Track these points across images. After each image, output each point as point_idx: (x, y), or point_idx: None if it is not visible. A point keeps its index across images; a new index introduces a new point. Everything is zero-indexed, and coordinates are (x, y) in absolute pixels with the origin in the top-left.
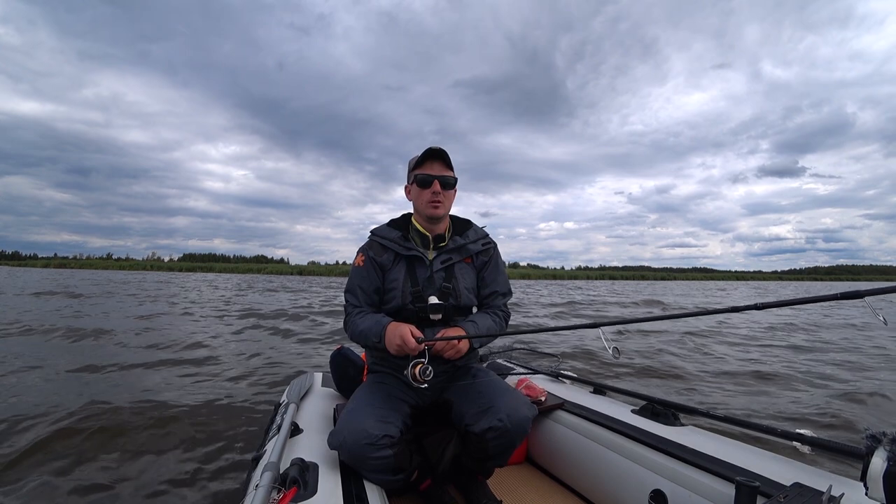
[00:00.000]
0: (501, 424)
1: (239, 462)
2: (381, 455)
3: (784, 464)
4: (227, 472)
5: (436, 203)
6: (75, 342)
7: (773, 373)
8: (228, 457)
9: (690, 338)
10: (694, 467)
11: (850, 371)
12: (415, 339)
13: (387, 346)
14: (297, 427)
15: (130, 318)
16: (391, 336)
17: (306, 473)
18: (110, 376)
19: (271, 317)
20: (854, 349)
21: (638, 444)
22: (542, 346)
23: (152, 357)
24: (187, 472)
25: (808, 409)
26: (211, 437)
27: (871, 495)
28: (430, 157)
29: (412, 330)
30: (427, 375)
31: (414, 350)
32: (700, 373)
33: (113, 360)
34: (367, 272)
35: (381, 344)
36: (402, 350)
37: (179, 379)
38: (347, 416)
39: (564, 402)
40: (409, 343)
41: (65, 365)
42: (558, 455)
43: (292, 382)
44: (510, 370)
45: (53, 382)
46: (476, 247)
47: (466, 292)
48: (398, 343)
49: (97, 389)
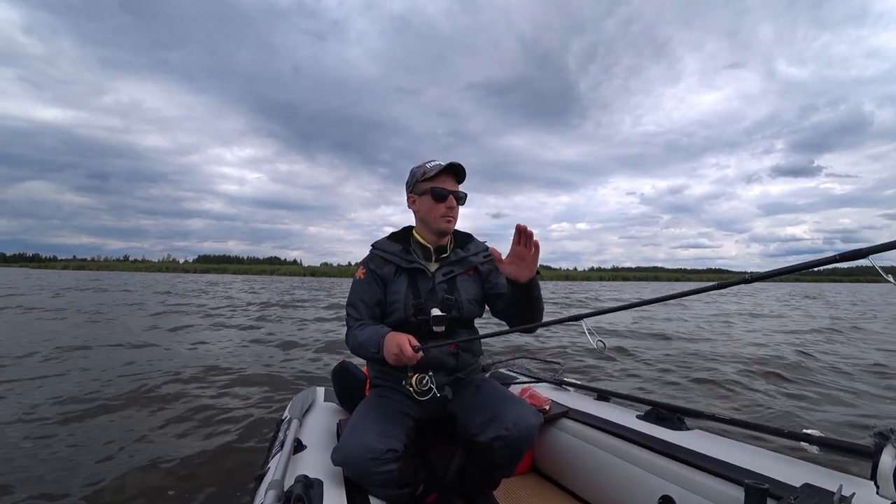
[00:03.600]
0: (508, 433)
1: (242, 480)
2: (385, 470)
3: (793, 465)
4: (231, 490)
5: (450, 218)
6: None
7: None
8: (231, 474)
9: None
10: (702, 471)
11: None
12: (412, 348)
13: (385, 356)
14: (301, 443)
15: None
16: (389, 345)
17: (311, 490)
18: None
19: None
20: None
21: (644, 449)
22: (543, 354)
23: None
24: (188, 489)
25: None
26: (212, 455)
27: (882, 493)
28: (447, 171)
29: (409, 339)
30: (424, 385)
31: (411, 359)
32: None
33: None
34: (369, 285)
35: (379, 354)
36: (399, 359)
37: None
38: (350, 431)
39: (569, 410)
40: (406, 352)
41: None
42: (564, 464)
43: (294, 398)
44: (513, 379)
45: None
46: (478, 259)
47: (469, 304)
48: (395, 352)
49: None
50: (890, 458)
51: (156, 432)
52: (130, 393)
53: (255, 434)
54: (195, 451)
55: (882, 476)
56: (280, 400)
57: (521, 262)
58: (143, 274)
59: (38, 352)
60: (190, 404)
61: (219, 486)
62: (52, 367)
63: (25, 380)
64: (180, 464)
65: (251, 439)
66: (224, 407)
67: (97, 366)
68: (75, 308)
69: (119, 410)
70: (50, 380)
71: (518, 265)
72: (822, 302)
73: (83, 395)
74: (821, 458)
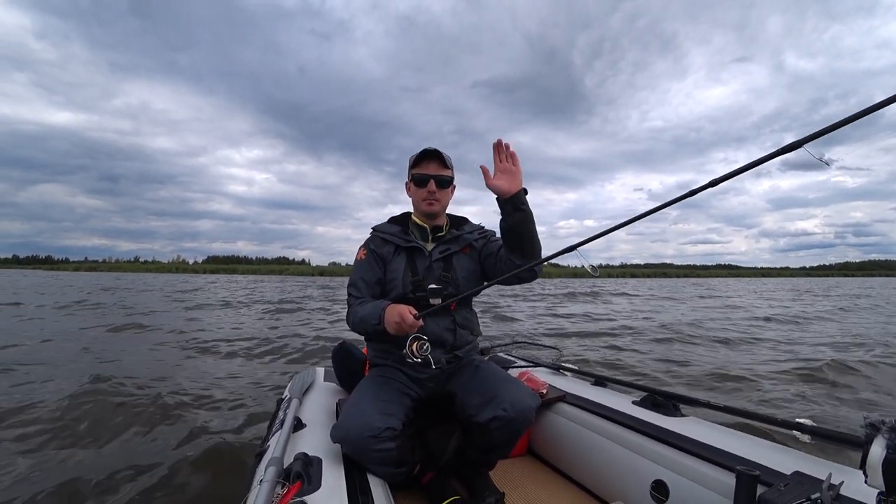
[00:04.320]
0: (506, 414)
1: (242, 457)
2: (383, 447)
3: (784, 453)
4: (231, 467)
5: (431, 202)
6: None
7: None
8: (232, 452)
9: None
10: (695, 457)
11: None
12: (413, 316)
13: (386, 327)
14: (300, 422)
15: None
16: (390, 315)
17: (310, 468)
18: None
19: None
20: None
21: (639, 434)
22: (543, 339)
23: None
24: (190, 466)
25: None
26: (214, 432)
27: (870, 483)
28: (426, 157)
29: (410, 308)
30: (424, 351)
31: (412, 325)
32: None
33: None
34: (369, 264)
35: (380, 326)
36: (400, 328)
37: (185, 371)
38: (350, 409)
39: (566, 395)
40: (407, 319)
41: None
42: (560, 446)
43: (294, 377)
44: (511, 363)
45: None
46: (472, 236)
47: (465, 281)
48: (396, 321)
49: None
50: (879, 448)
51: (157, 412)
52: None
53: (256, 413)
54: (196, 430)
55: (871, 466)
56: (281, 380)
57: (509, 175)
58: (154, 275)
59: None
60: (193, 385)
61: (219, 462)
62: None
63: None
64: (182, 442)
65: (251, 418)
66: (225, 385)
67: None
68: (119, 305)
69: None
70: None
71: (506, 179)
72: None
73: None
74: (812, 446)
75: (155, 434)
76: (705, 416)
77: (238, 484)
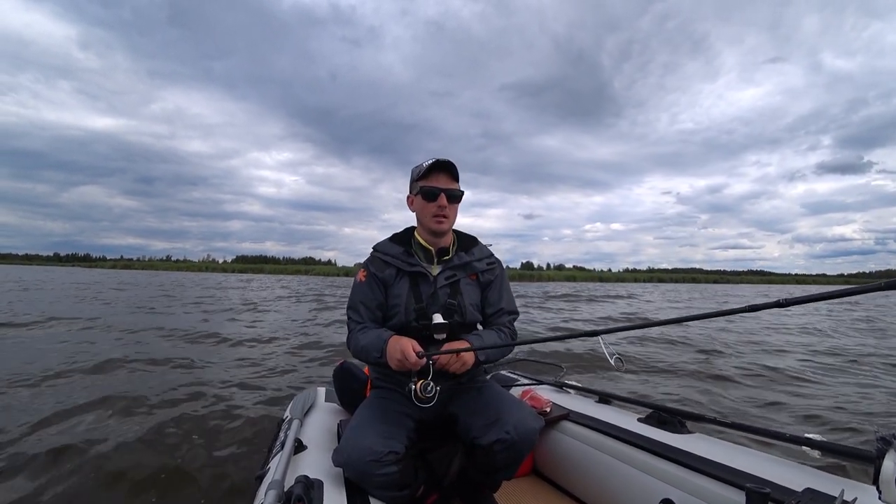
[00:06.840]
0: (509, 437)
1: (242, 480)
2: (386, 472)
3: (794, 469)
4: (231, 490)
5: (441, 218)
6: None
7: None
8: (231, 475)
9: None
10: (703, 475)
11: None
12: (416, 353)
13: (388, 362)
14: (301, 444)
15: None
16: (392, 350)
17: (311, 491)
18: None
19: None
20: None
21: (645, 452)
22: (546, 356)
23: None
24: (190, 489)
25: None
26: (212, 455)
27: (884, 499)
28: (436, 169)
29: (413, 345)
30: (428, 392)
31: (415, 365)
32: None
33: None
34: (370, 287)
35: (382, 359)
36: (402, 365)
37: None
38: (351, 432)
39: (570, 413)
40: (410, 357)
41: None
42: (565, 466)
43: (295, 398)
44: (514, 381)
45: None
46: (481, 265)
47: (472, 309)
48: (399, 358)
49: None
50: (892, 463)
51: (154, 429)
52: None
53: (256, 434)
54: (194, 451)
55: (884, 481)
56: (281, 400)
57: (459, 365)
58: (182, 273)
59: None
60: (191, 403)
61: (219, 486)
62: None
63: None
64: (179, 463)
65: (251, 439)
66: (226, 406)
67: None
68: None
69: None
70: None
71: (458, 366)
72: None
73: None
74: (822, 462)
75: (146, 451)
76: (712, 432)
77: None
